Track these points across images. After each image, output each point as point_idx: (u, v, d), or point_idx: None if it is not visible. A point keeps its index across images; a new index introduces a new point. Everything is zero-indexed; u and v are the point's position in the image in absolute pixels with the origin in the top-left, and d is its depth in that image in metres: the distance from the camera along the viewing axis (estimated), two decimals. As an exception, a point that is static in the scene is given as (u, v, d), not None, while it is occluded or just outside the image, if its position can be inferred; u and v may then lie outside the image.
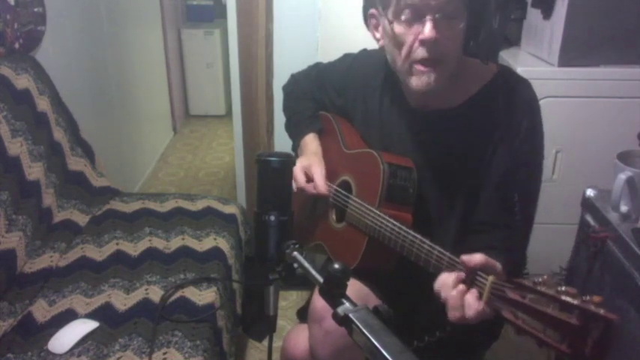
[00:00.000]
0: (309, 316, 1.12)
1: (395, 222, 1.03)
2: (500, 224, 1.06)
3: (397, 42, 1.02)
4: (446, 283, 0.88)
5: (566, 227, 1.53)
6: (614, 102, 1.77)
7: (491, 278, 0.82)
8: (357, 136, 1.26)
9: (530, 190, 1.08)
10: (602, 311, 0.66)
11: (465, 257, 0.87)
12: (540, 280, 0.75)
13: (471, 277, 0.87)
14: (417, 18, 0.97)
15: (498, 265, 0.87)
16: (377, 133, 1.20)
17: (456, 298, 0.86)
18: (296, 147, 1.35)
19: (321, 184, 1.19)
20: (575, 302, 0.69)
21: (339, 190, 1.21)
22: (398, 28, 1.00)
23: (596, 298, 0.68)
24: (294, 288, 2.18)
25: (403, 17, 0.98)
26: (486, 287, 0.83)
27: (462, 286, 0.87)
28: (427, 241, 0.96)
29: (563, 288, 0.72)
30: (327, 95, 1.35)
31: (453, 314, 0.87)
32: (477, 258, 0.86)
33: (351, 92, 1.27)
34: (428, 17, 0.95)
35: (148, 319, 1.27)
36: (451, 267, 0.90)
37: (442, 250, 0.92)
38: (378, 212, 1.07)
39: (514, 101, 1.06)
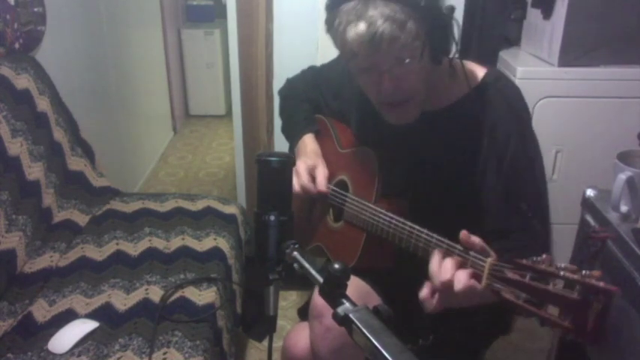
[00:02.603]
0: (310, 312, 1.13)
1: (392, 215, 1.03)
2: (516, 229, 1.06)
3: (362, 86, 1.05)
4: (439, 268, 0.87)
5: (566, 227, 1.53)
6: (614, 102, 1.77)
7: (490, 259, 0.82)
8: (351, 136, 1.26)
9: (538, 192, 1.08)
10: (602, 284, 0.66)
11: (465, 234, 0.87)
12: (539, 259, 0.75)
13: (466, 258, 0.87)
14: (374, 70, 0.98)
15: (493, 254, 0.87)
16: (372, 133, 1.20)
17: (448, 271, 0.85)
18: (293, 148, 1.35)
19: (322, 183, 1.20)
20: (576, 277, 0.69)
21: (336, 189, 1.21)
22: (359, 78, 1.03)
23: (596, 273, 0.68)
24: (294, 288, 2.18)
25: (360, 70, 1.00)
26: (485, 268, 0.82)
27: (454, 262, 0.87)
28: (425, 230, 0.96)
29: (563, 265, 0.72)
30: (323, 97, 1.36)
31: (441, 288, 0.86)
32: (475, 239, 0.86)
33: (347, 93, 1.27)
34: (382, 71, 0.97)
35: (148, 319, 1.27)
36: (449, 253, 0.90)
37: (440, 238, 0.93)
38: (374, 207, 1.07)
39: (501, 107, 1.05)
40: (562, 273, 0.70)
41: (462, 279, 0.83)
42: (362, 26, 0.91)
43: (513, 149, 1.04)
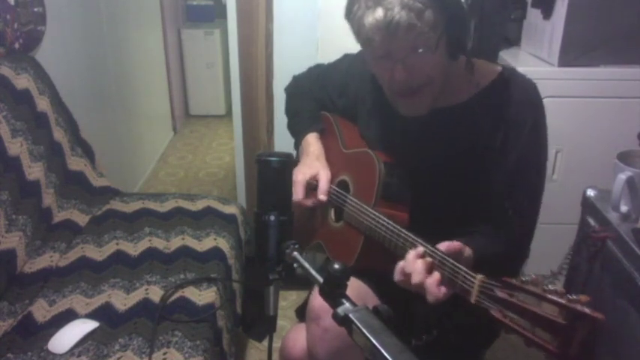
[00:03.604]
0: (307, 314, 1.12)
1: (389, 220, 1.03)
2: (500, 222, 1.06)
3: (376, 74, 1.05)
4: (416, 269, 0.91)
5: (566, 227, 1.53)
6: (614, 102, 1.77)
7: (479, 277, 0.83)
8: (356, 135, 1.26)
9: (535, 190, 1.09)
10: (588, 310, 0.67)
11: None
12: (529, 279, 0.75)
13: (456, 273, 0.88)
14: (389, 58, 0.98)
15: (468, 250, 0.88)
16: (379, 131, 1.20)
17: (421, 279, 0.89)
18: (298, 145, 1.35)
19: (324, 190, 1.19)
20: (562, 301, 0.69)
21: (337, 189, 1.21)
22: (373, 65, 1.03)
23: (583, 298, 0.69)
24: (294, 288, 2.18)
25: (375, 57, 1.00)
26: (475, 285, 0.83)
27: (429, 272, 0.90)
28: (419, 240, 0.96)
29: (551, 287, 0.72)
30: (328, 95, 1.36)
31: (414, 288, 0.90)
32: (442, 247, 0.89)
33: (352, 91, 1.27)
34: (396, 60, 0.97)
35: (148, 319, 1.27)
36: (442, 265, 0.90)
37: (433, 249, 0.92)
38: (373, 211, 1.07)
39: (519, 101, 1.05)
40: (549, 296, 0.70)
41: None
42: (380, 12, 0.92)
43: (523, 145, 1.04)
